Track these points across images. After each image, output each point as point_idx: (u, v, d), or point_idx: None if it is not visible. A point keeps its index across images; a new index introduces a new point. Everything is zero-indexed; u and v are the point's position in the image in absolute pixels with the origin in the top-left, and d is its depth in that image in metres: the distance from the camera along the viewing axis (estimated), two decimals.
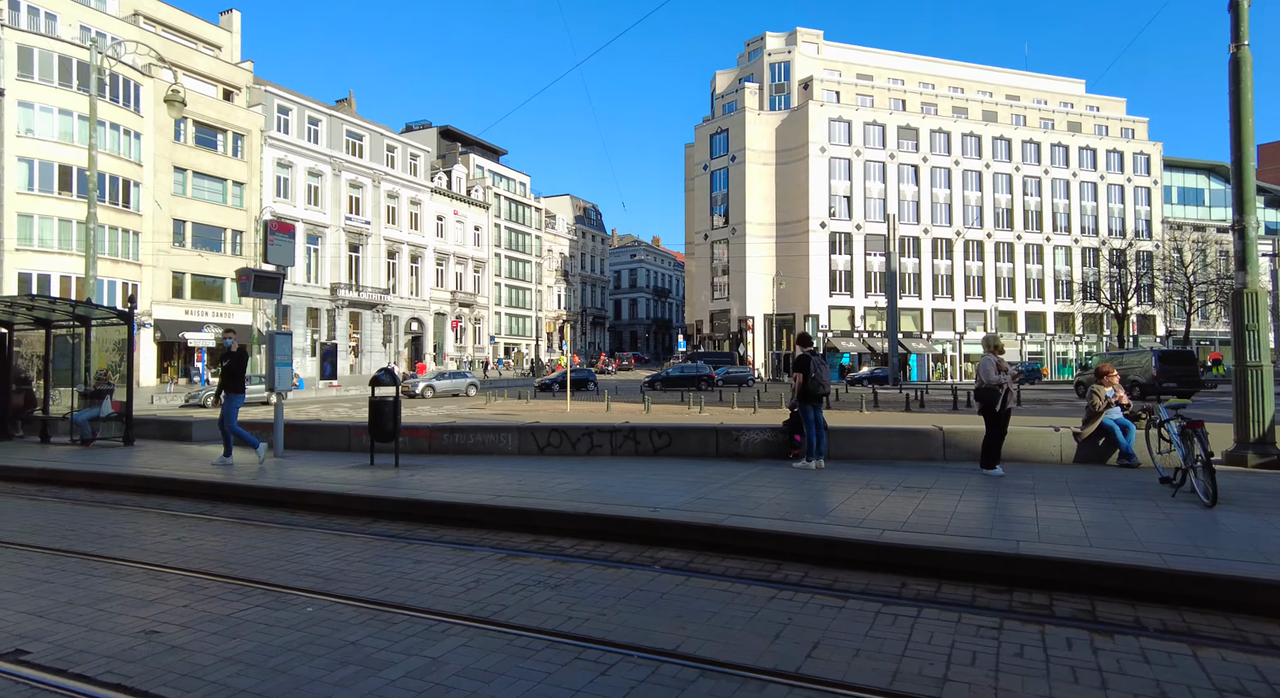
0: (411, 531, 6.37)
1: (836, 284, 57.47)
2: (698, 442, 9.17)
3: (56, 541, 6.15)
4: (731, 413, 23.37)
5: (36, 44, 34.03)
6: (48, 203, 34.39)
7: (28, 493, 8.78)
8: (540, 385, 41.21)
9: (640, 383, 43.30)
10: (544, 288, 74.60)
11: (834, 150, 57.31)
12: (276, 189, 46.19)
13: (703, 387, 40.20)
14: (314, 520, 6.83)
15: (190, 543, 6.04)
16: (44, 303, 11.79)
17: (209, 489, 8.05)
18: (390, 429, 8.79)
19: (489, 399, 33.63)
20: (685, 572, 4.92)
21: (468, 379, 40.05)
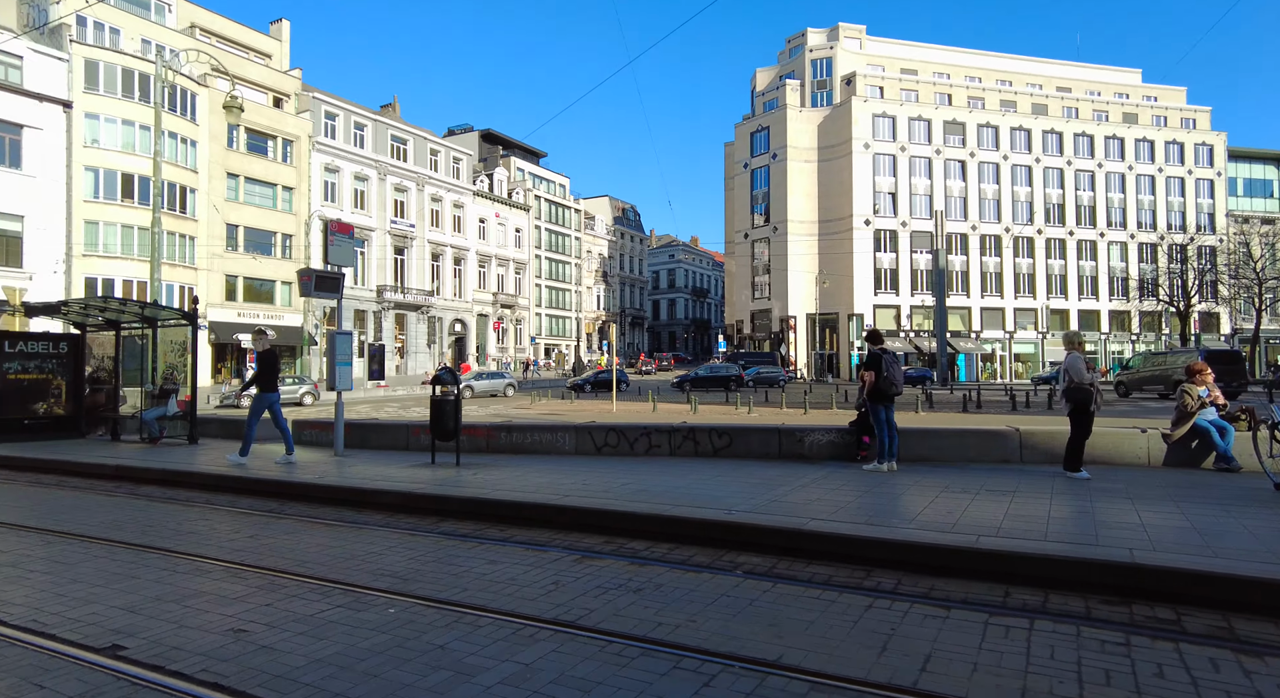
0: (480, 530, 6.31)
1: (881, 282, 56.40)
2: (759, 443, 8.95)
3: (137, 536, 6.24)
4: (781, 413, 23.01)
5: (102, 58, 35.35)
6: (112, 210, 35.68)
7: (105, 489, 9.00)
8: (572, 386, 41.24)
9: (670, 383, 42.98)
10: (583, 289, 74.86)
11: (878, 146, 56.26)
12: (324, 194, 47.22)
13: (732, 387, 39.78)
14: (382, 519, 6.82)
15: (263, 541, 6.06)
16: (115, 305, 12.14)
17: (275, 487, 8.13)
18: (451, 428, 8.78)
19: (533, 399, 33.79)
20: (770, 577, 4.73)
21: (505, 379, 40.33)
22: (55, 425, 13.55)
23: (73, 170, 34.73)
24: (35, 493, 8.84)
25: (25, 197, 33.18)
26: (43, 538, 6.24)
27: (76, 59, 34.72)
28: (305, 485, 7.91)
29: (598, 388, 40.22)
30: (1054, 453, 8.16)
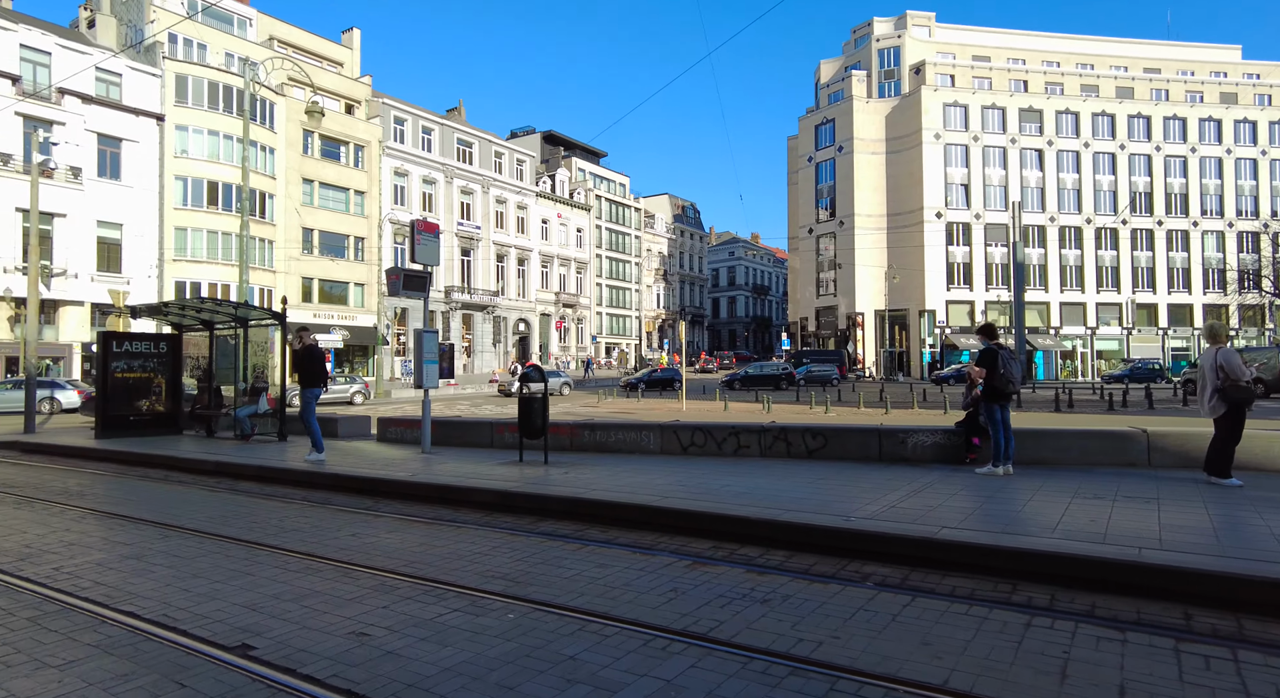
0: (581, 531, 6.14)
1: (954, 277, 54.38)
2: (857, 444, 8.54)
3: (244, 532, 6.32)
4: (858, 413, 22.28)
5: (191, 72, 37.13)
6: (199, 216, 37.45)
7: (207, 484, 9.26)
8: (626, 384, 40.98)
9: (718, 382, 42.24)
10: (643, 287, 74.83)
11: (949, 137, 54.25)
12: (394, 197, 48.49)
13: (783, 386, 38.93)
14: (479, 518, 6.75)
15: (366, 539, 6.04)
16: (210, 305, 12.58)
17: (369, 485, 8.18)
18: (540, 426, 8.68)
19: (599, 398, 33.82)
20: (905, 590, 4.39)
21: (560, 378, 40.28)
22: (156, 422, 14.16)
23: (164, 180, 36.59)
24: (146, 487, 9.17)
25: (124, 206, 35.14)
26: (159, 532, 6.39)
27: (168, 74, 36.57)
28: (399, 483, 7.93)
29: (651, 387, 39.97)
30: (1187, 457, 7.49)
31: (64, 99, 32.92)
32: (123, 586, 4.75)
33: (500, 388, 38.78)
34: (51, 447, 13.18)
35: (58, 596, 4.53)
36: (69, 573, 5.08)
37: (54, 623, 4.05)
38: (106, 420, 13.47)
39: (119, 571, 5.13)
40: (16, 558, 5.53)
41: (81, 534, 6.38)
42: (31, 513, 7.42)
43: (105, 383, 13.43)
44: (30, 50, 32.81)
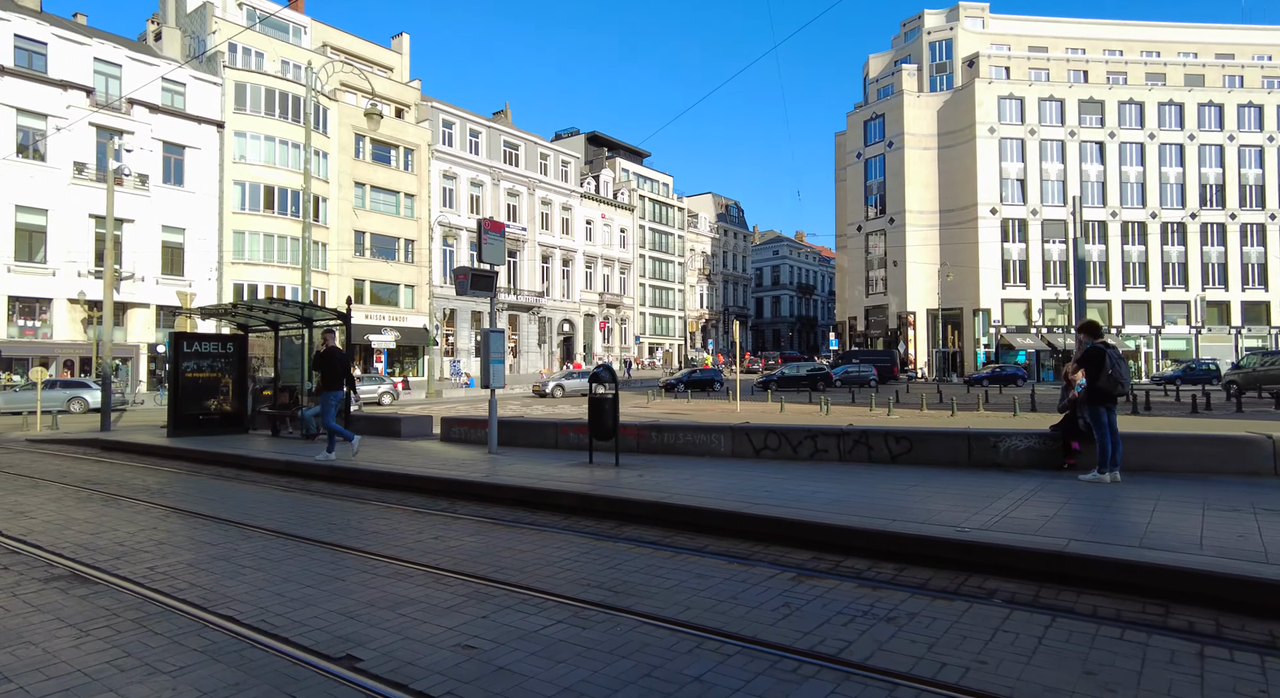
0: (667, 537, 5.91)
1: (1010, 275, 52.69)
2: (945, 448, 8.12)
3: (325, 534, 6.26)
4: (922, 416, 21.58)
5: (249, 80, 38.18)
6: (256, 220, 38.47)
7: (279, 484, 9.31)
8: (665, 385, 40.56)
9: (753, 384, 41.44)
10: (686, 287, 74.46)
11: (1004, 130, 52.58)
12: (443, 199, 49.14)
13: (820, 387, 38.08)
14: (559, 521, 6.57)
15: (450, 543, 5.91)
16: (278, 305, 12.74)
17: (444, 486, 8.09)
18: (610, 427, 8.49)
19: (649, 398, 33.61)
20: (1042, 609, 4.03)
21: None
22: (223, 421, 14.44)
23: (224, 185, 37.70)
24: (221, 486, 9.26)
25: (186, 211, 36.31)
26: (242, 532, 6.37)
27: (228, 82, 37.67)
28: (473, 484, 7.81)
29: (691, 388, 39.54)
30: None
31: (133, 109, 34.14)
32: (217, 588, 4.68)
33: (535, 388, 38.87)
34: (127, 445, 13.53)
35: (157, 596, 4.49)
36: (164, 573, 5.05)
37: (158, 625, 3.98)
38: (178, 419, 13.77)
39: (211, 572, 5.08)
40: (112, 557, 5.55)
41: (169, 533, 6.40)
42: (119, 511, 7.52)
43: (177, 383, 13.74)
44: (103, 63, 34.12)
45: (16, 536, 6.41)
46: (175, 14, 40.62)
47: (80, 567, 5.27)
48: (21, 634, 3.90)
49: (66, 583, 4.90)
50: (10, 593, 4.70)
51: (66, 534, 6.42)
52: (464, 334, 50.10)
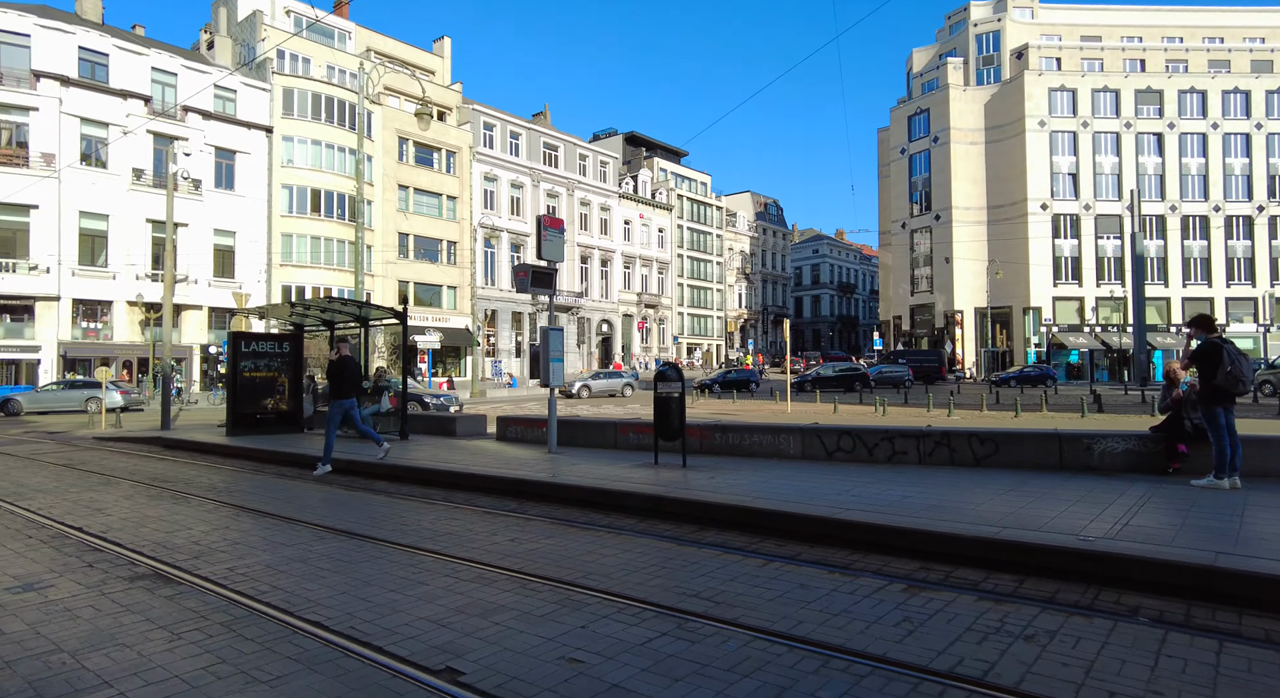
0: (753, 543, 5.62)
1: (1061, 272, 51.02)
2: (1035, 451, 7.66)
3: (398, 535, 6.12)
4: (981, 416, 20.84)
5: (296, 85, 38.92)
6: (303, 223, 39.17)
7: (341, 483, 9.27)
8: (699, 385, 40.01)
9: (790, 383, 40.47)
10: (725, 287, 73.84)
11: (1055, 123, 50.93)
12: (484, 201, 49.49)
13: (857, 388, 37.26)
14: (633, 524, 6.33)
15: (527, 545, 5.71)
16: (337, 304, 12.77)
17: (510, 486, 7.92)
18: (677, 427, 8.23)
19: (694, 398, 33.23)
20: (1203, 632, 3.64)
21: (623, 379, 38.94)
22: (279, 420, 14.56)
23: (272, 188, 38.49)
24: (285, 485, 9.24)
25: (237, 214, 37.15)
26: (314, 533, 6.27)
27: (276, 88, 38.44)
28: (541, 484, 7.63)
29: (726, 388, 38.99)
30: None
31: (187, 116, 35.04)
32: (299, 591, 4.55)
33: (562, 390, 38.64)
34: (188, 443, 13.73)
35: (241, 599, 4.36)
36: (244, 575, 4.94)
37: (247, 630, 3.84)
38: (236, 418, 13.92)
39: (289, 574, 4.96)
40: (191, 556, 5.48)
41: (241, 533, 6.33)
42: (190, 509, 7.51)
43: (235, 382, 13.89)
44: (160, 72, 35.11)
45: (97, 533, 6.41)
46: (227, 23, 41.64)
47: (162, 566, 5.20)
48: (115, 636, 3.80)
49: (151, 582, 4.82)
50: (99, 591, 4.63)
51: (143, 532, 6.40)
52: (505, 335, 50.39)
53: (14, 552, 5.81)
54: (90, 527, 6.67)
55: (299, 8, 43.46)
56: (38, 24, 31.70)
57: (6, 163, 30.48)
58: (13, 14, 31.45)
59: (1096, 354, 50.08)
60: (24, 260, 30.65)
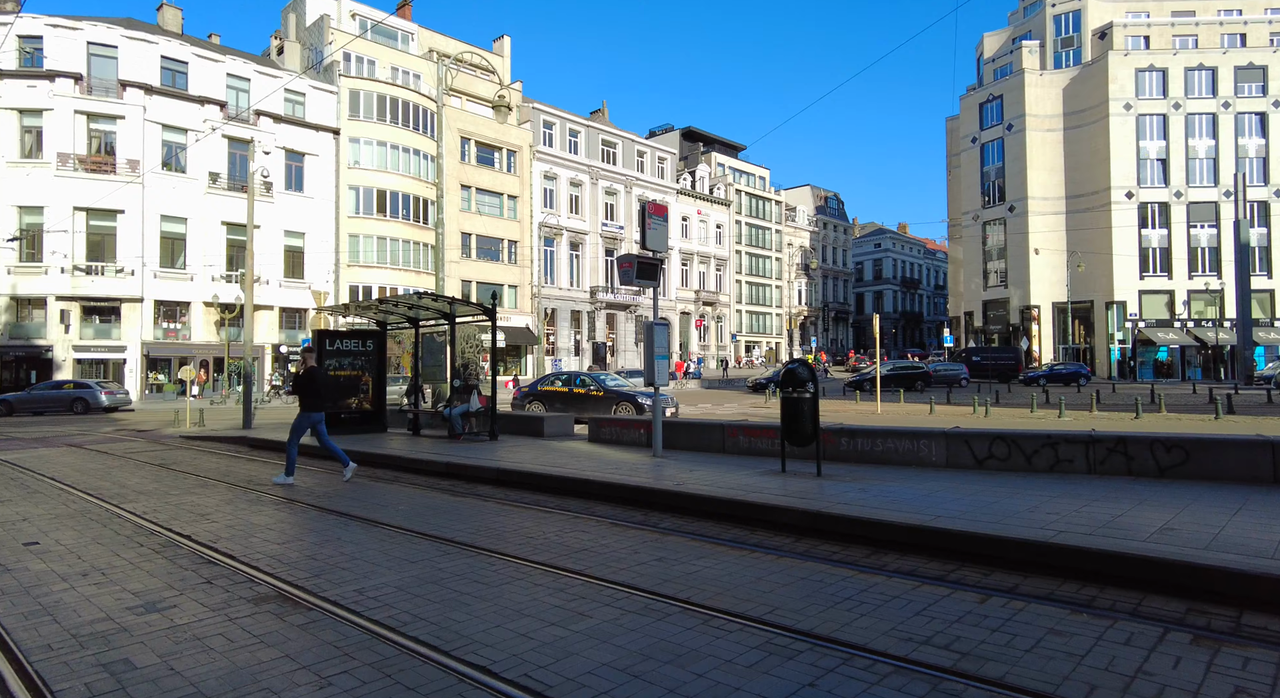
0: (950, 572, 4.80)
1: (1149, 264, 47.99)
2: (1237, 460, 6.61)
3: (529, 551, 5.50)
4: (1094, 418, 19.30)
5: (362, 87, 39.38)
6: (369, 223, 39.61)
7: (443, 487, 8.78)
8: (754, 385, 38.68)
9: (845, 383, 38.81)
10: (784, 283, 72.28)
11: (1143, 106, 47.90)
12: (544, 200, 49.37)
13: (919, 387, 35.53)
14: (791, 545, 5.57)
15: (678, 567, 5.01)
16: (428, 300, 12.37)
17: (632, 494, 7.26)
18: (810, 432, 7.44)
19: (766, 398, 32.22)
20: None
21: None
22: (363, 420, 14.30)
23: (339, 190, 39.02)
24: (385, 490, 8.80)
25: (306, 216, 37.78)
26: (437, 547, 5.71)
27: (343, 91, 38.96)
28: (668, 493, 6.93)
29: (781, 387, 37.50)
30: None
31: (259, 120, 35.75)
32: (446, 622, 3.95)
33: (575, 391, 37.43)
34: (273, 443, 13.55)
35: (384, 633, 3.79)
36: (375, 598, 4.39)
37: (404, 675, 3.26)
38: None
39: (427, 599, 4.38)
40: (310, 573, 4.96)
41: (356, 546, 5.82)
42: (294, 516, 7.09)
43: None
44: (234, 78, 35.94)
45: (206, 542, 6.00)
46: (296, 29, 42.48)
47: (284, 585, 4.70)
48: (258, 678, 3.25)
49: (278, 606, 4.31)
50: (224, 615, 4.13)
51: (254, 543, 5.96)
52: (564, 334, 50.19)
53: (129, 562, 5.42)
54: (199, 535, 6.28)
55: (364, 10, 44.05)
56: (125, 35, 32.74)
57: (96, 170, 31.56)
58: (102, 27, 32.56)
59: (1189, 350, 46.94)
60: (112, 263, 31.69)
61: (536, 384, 21.05)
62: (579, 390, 18.87)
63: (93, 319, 31.89)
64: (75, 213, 31.09)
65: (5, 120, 30.96)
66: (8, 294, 30.56)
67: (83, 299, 31.37)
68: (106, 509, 7.64)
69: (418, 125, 41.89)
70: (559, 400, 19.03)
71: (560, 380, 20.04)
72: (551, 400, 19.26)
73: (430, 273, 42.26)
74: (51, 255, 30.75)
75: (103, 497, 8.40)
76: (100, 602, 4.48)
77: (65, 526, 6.86)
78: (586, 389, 18.73)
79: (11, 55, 31.09)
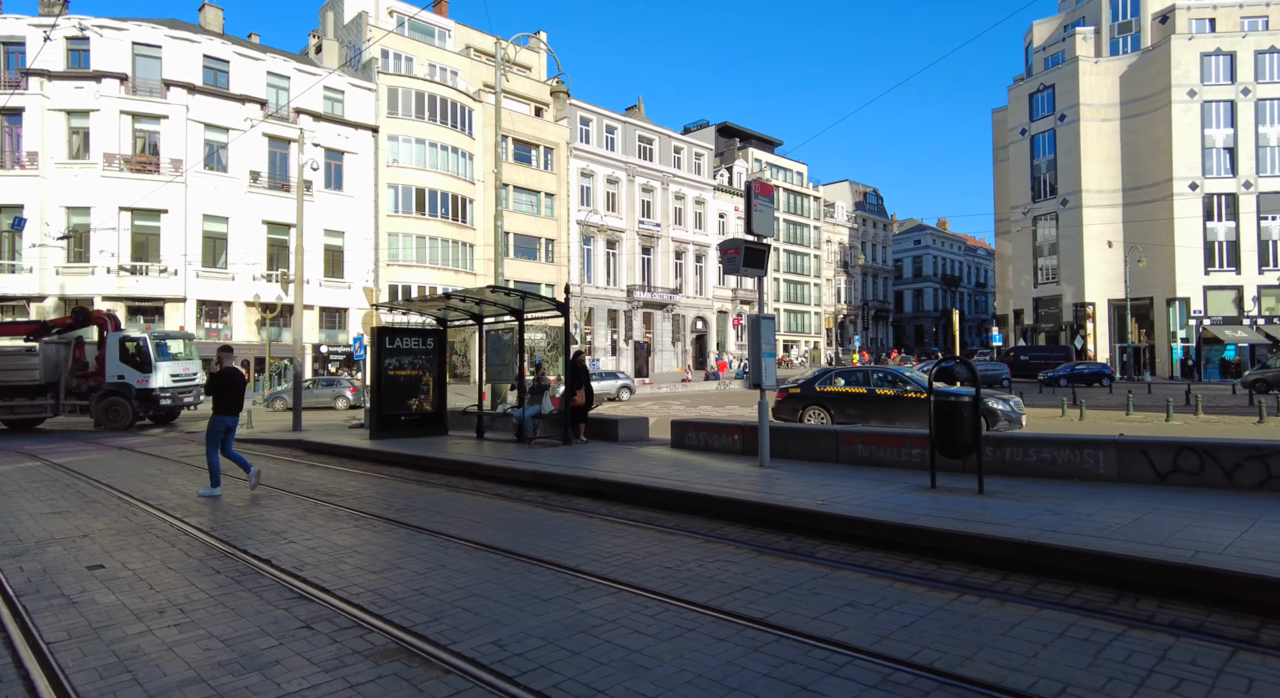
0: (1232, 623, 3.75)
1: (1215, 258, 45.73)
2: None
3: (683, 589, 4.56)
4: (1206, 423, 17.81)
5: (400, 84, 38.94)
6: (408, 222, 39.16)
7: (533, 499, 7.90)
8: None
9: None
10: (823, 281, 70.72)
11: (1209, 92, 45.65)
12: (580, 198, 48.60)
13: None
14: (1008, 586, 4.55)
15: (870, 615, 4.03)
16: (500, 295, 11.54)
17: (760, 512, 6.29)
18: (969, 440, 6.40)
19: None
20: None
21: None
22: (423, 422, 13.54)
23: (378, 189, 38.61)
24: (474, 503, 7.94)
25: (345, 214, 37.43)
26: (565, 580, 4.79)
27: (381, 88, 38.55)
28: (805, 513, 5.96)
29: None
30: None
31: (299, 118, 35.45)
32: (626, 689, 3.02)
33: None
34: (332, 447, 12.84)
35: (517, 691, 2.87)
36: (524, 656, 3.49)
37: None
38: (381, 420, 12.95)
39: (590, 658, 3.47)
40: (429, 616, 4.06)
41: (469, 577, 4.93)
42: (380, 536, 6.24)
43: (380, 381, 12.91)
44: (274, 76, 35.70)
45: (291, 568, 5.17)
46: (334, 27, 42.23)
47: (401, 634, 3.82)
48: None
49: (404, 666, 3.43)
50: (342, 680, 3.26)
51: (345, 571, 5.11)
52: (600, 333, 49.38)
53: (208, 596, 4.59)
54: (280, 559, 5.46)
55: (402, 7, 43.67)
56: (168, 35, 32.62)
57: (141, 169, 31.47)
58: (147, 27, 32.48)
59: (1259, 349, 44.60)
60: (155, 263, 31.57)
61: (813, 384, 16.00)
62: (884, 391, 14.19)
63: (137, 319, 31.78)
64: (120, 213, 31.00)
65: (54, 122, 30.99)
66: (56, 294, 30.57)
67: (128, 299, 31.28)
68: (170, 524, 6.88)
69: (456, 123, 41.35)
70: (853, 405, 14.46)
71: (845, 379, 15.38)
72: (842, 406, 14.67)
73: (470, 272, 41.76)
74: (99, 254, 30.69)
75: (164, 508, 7.67)
76: (185, 653, 3.64)
77: (130, 544, 6.10)
78: (897, 390, 14.05)
79: (59, 57, 31.12)
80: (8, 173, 30.56)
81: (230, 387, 8.44)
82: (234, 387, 8.48)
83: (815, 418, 14.87)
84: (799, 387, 16.21)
